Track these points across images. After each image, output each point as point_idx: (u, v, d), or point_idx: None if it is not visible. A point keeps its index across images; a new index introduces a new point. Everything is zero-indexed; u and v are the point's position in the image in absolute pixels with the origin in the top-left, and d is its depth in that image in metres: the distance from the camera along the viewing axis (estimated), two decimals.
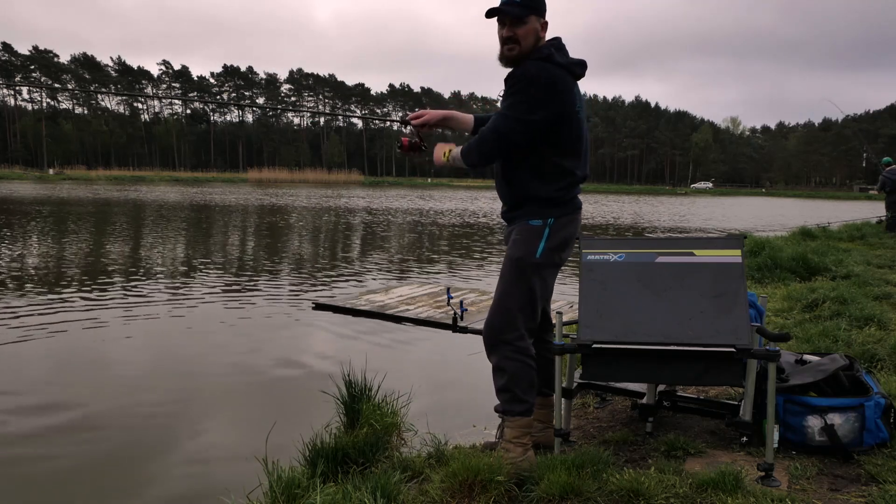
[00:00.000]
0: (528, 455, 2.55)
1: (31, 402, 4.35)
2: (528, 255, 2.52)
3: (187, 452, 3.63)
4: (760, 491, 2.26)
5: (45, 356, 5.45)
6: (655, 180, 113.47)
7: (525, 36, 2.45)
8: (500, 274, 2.62)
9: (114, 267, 10.24)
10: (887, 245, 10.94)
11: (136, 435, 3.85)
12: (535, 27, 2.46)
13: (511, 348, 2.52)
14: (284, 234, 16.73)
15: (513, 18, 2.43)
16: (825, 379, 2.77)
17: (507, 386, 2.55)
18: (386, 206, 30.98)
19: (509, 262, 2.58)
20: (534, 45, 2.47)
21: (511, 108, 2.42)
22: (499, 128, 2.44)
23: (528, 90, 2.39)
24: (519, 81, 2.42)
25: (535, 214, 2.54)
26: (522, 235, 2.55)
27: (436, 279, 9.65)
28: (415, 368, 5.20)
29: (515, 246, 2.56)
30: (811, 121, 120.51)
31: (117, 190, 43.01)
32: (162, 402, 4.43)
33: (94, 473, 3.39)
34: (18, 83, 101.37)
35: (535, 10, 2.46)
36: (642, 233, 20.10)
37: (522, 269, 2.54)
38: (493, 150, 2.50)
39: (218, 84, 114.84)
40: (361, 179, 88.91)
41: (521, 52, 2.46)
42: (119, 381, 4.84)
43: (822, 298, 5.41)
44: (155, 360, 5.40)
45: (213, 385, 4.84)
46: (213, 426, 4.07)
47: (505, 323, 2.53)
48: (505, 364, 2.53)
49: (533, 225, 2.53)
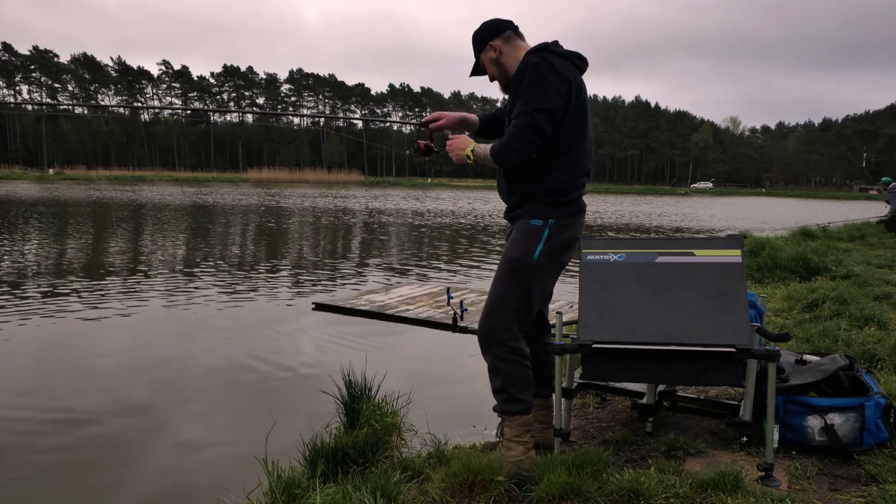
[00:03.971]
0: (530, 454, 2.56)
1: (30, 402, 4.35)
2: (526, 256, 2.51)
3: (187, 452, 3.63)
4: (760, 491, 2.26)
5: (43, 355, 5.46)
6: (655, 180, 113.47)
7: (490, 70, 2.61)
8: (496, 273, 2.59)
9: (112, 266, 10.24)
10: (887, 245, 10.95)
11: (135, 434, 3.84)
12: (489, 58, 2.59)
13: (505, 349, 2.52)
14: (284, 234, 16.74)
15: (479, 72, 2.65)
16: (825, 379, 2.78)
17: (502, 386, 2.55)
18: (386, 207, 30.97)
19: (506, 261, 2.56)
20: (498, 70, 2.59)
21: (528, 101, 2.37)
22: (527, 125, 2.37)
23: (537, 79, 2.37)
24: (524, 74, 2.41)
25: (536, 214, 2.52)
26: (521, 235, 2.53)
27: (436, 279, 9.65)
28: (415, 369, 5.20)
29: (513, 245, 2.55)
30: (811, 121, 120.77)
31: (116, 190, 43.00)
32: (160, 401, 4.43)
33: (94, 473, 3.39)
34: (20, 82, 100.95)
35: (479, 51, 2.61)
36: (642, 233, 20.10)
37: (518, 270, 2.52)
38: (525, 149, 2.39)
39: (218, 84, 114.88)
40: (361, 179, 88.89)
41: (500, 79, 2.61)
42: (118, 380, 4.84)
43: (822, 298, 5.41)
44: (153, 359, 5.39)
45: (212, 385, 4.84)
46: (212, 426, 4.07)
47: (499, 324, 2.52)
48: (499, 365, 2.54)
49: (533, 225, 2.51)
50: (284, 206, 28.67)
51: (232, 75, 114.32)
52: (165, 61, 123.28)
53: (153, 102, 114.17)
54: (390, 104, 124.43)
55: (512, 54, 2.55)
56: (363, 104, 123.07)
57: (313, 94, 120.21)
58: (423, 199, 40.60)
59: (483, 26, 2.60)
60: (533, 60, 2.40)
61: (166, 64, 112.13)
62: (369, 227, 19.65)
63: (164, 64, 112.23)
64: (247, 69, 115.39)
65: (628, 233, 19.87)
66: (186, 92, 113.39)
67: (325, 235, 17.08)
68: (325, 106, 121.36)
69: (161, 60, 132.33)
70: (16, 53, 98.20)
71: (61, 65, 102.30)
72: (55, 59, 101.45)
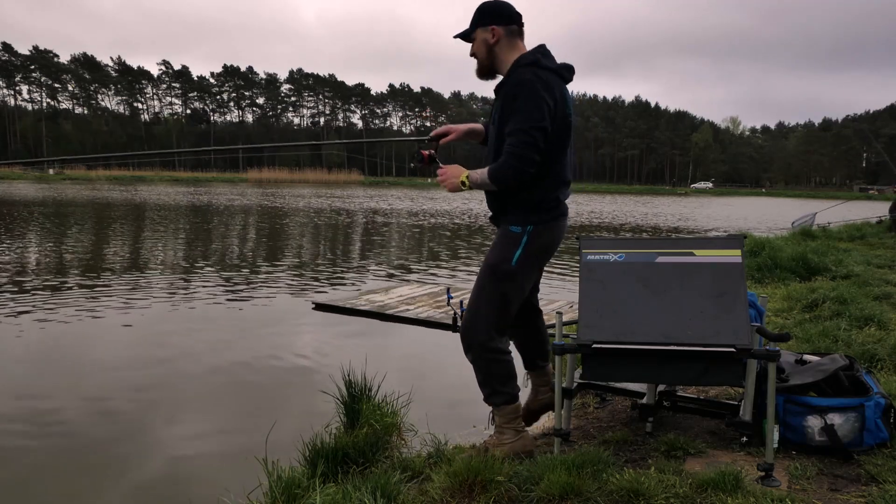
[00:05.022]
0: (523, 436, 2.72)
1: (30, 402, 4.35)
2: (503, 263, 2.58)
3: (186, 452, 3.63)
4: (760, 491, 2.26)
5: (43, 354, 5.46)
6: (655, 180, 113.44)
7: (477, 49, 2.62)
8: (477, 276, 2.70)
9: (111, 266, 10.24)
10: (887, 245, 10.94)
11: (135, 434, 3.85)
12: (482, 37, 2.60)
13: (483, 348, 2.63)
14: (284, 234, 16.74)
15: (465, 38, 2.65)
16: (825, 379, 2.77)
17: (485, 381, 2.69)
18: (386, 207, 30.97)
19: (485, 266, 2.65)
20: (487, 54, 2.60)
21: (525, 120, 2.42)
22: (523, 143, 2.42)
23: (532, 97, 2.42)
24: (518, 90, 2.45)
25: (515, 221, 2.59)
26: (500, 241, 2.62)
27: (436, 279, 9.65)
28: (415, 369, 5.20)
29: (492, 251, 2.64)
30: (811, 121, 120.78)
31: (115, 190, 42.98)
32: (160, 401, 4.43)
33: (94, 472, 3.39)
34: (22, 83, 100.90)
35: (478, 23, 2.60)
36: (643, 233, 20.10)
37: (496, 275, 2.60)
38: (523, 166, 2.45)
39: (218, 84, 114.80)
40: (361, 179, 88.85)
41: (481, 63, 2.63)
42: (116, 379, 4.84)
43: (822, 298, 5.41)
44: (153, 359, 5.39)
45: (212, 384, 4.84)
46: (212, 426, 4.07)
47: (477, 325, 2.63)
48: (479, 363, 2.66)
49: (512, 231, 2.59)
50: (284, 206, 28.67)
51: (232, 75, 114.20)
52: (165, 61, 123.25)
53: (153, 102, 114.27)
54: (390, 104, 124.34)
55: (506, 50, 2.59)
56: (363, 104, 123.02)
57: (313, 93, 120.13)
58: (423, 200, 40.59)
59: (494, 5, 2.60)
60: (527, 76, 2.45)
61: (166, 64, 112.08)
62: (369, 227, 19.66)
63: (164, 64, 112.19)
64: (247, 69, 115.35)
65: (627, 233, 19.87)
66: (186, 92, 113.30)
67: (325, 235, 17.08)
68: (325, 106, 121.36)
69: (161, 60, 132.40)
70: (16, 53, 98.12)
71: (61, 65, 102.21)
72: (55, 59, 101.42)
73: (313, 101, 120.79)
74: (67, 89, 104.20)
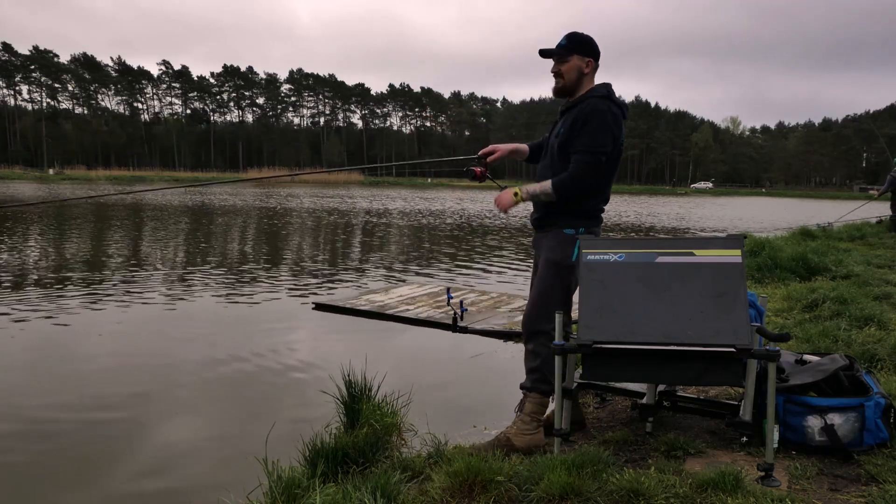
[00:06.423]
0: (539, 432, 2.93)
1: (29, 402, 4.35)
2: (566, 259, 2.91)
3: (186, 452, 3.63)
4: (760, 491, 2.26)
5: (42, 354, 5.46)
6: (655, 180, 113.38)
7: (568, 71, 2.95)
8: (539, 275, 3.02)
9: (111, 266, 10.24)
10: (887, 245, 10.94)
11: (135, 434, 3.84)
12: (577, 65, 2.94)
13: (547, 337, 2.85)
14: (284, 234, 16.74)
15: (557, 56, 2.95)
16: (825, 379, 2.78)
17: (539, 367, 2.93)
18: (386, 207, 30.98)
19: (548, 264, 2.96)
20: (576, 79, 2.95)
21: (594, 143, 2.82)
22: (589, 163, 2.84)
23: (604, 126, 2.82)
24: (591, 117, 2.82)
25: (569, 224, 2.93)
26: (558, 242, 2.94)
27: (436, 279, 9.65)
28: (415, 368, 5.20)
29: (553, 251, 2.96)
30: (811, 121, 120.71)
31: (114, 190, 43.02)
32: (160, 401, 4.42)
33: (94, 472, 3.39)
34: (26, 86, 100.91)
35: (577, 50, 2.93)
36: (643, 233, 20.10)
37: (561, 271, 2.93)
38: (587, 181, 2.87)
39: (218, 84, 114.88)
40: (361, 179, 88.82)
41: (566, 84, 2.96)
42: (116, 379, 4.84)
43: (822, 298, 5.41)
44: (152, 359, 5.39)
45: (212, 385, 4.83)
46: (212, 426, 4.07)
47: (543, 315, 2.89)
48: (540, 349, 2.91)
49: (566, 234, 2.93)
50: (284, 207, 28.68)
51: (232, 75, 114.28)
52: (165, 61, 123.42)
53: (153, 102, 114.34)
54: (390, 104, 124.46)
55: (589, 79, 2.98)
56: (363, 104, 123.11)
57: (313, 94, 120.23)
58: (423, 200, 40.60)
59: (593, 41, 2.98)
60: (602, 107, 2.83)
61: (166, 64, 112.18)
62: (369, 227, 19.66)
63: (164, 64, 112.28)
64: (247, 69, 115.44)
65: (629, 233, 19.88)
66: (186, 92, 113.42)
67: (325, 235, 17.09)
68: (325, 106, 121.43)
69: (161, 60, 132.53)
70: (16, 53, 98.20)
71: (61, 65, 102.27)
72: (55, 59, 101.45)
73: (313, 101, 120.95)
74: (67, 89, 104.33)
